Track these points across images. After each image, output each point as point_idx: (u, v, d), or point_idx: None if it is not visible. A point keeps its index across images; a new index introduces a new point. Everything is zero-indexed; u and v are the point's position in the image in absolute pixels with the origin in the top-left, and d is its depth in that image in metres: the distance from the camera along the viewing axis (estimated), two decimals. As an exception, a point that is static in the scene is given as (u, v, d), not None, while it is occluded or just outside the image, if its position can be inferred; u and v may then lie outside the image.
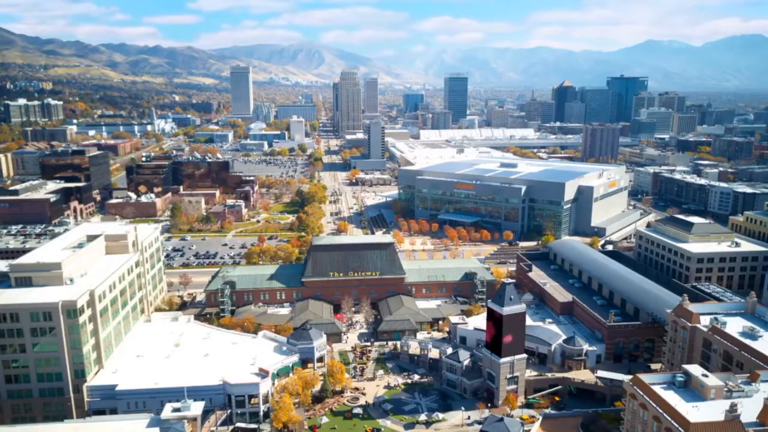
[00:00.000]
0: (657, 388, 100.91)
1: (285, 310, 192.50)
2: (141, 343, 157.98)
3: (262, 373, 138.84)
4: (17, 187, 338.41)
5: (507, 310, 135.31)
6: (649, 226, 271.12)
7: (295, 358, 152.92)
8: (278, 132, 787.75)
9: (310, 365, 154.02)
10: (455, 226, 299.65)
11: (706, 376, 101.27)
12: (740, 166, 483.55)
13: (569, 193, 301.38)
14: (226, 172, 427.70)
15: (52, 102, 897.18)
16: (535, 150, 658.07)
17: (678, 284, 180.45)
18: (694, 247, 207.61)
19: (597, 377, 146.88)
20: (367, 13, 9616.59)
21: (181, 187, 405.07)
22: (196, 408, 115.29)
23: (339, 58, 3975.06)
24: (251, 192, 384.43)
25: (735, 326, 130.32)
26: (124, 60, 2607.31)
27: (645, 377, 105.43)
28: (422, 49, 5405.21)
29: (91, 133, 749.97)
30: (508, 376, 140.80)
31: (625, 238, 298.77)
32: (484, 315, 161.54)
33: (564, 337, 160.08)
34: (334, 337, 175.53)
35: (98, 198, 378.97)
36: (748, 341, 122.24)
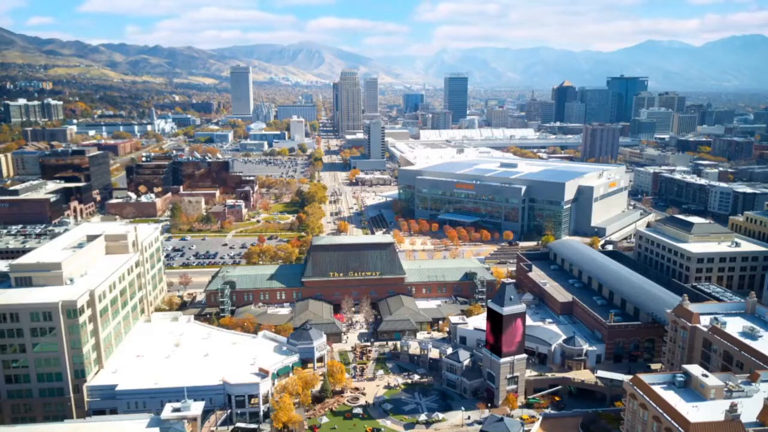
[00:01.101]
0: (657, 388, 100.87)
1: (285, 310, 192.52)
2: (141, 343, 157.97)
3: (262, 373, 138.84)
4: (17, 187, 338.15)
5: (507, 310, 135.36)
6: (649, 226, 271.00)
7: (295, 358, 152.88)
8: (278, 132, 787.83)
9: (310, 365, 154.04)
10: (455, 226, 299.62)
11: (706, 376, 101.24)
12: (740, 166, 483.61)
13: (569, 193, 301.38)
14: (226, 172, 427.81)
15: (52, 102, 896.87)
16: (535, 150, 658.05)
17: (678, 284, 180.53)
18: (694, 247, 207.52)
19: (597, 377, 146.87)
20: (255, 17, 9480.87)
21: (181, 187, 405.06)
22: (196, 408, 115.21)
23: (339, 58, 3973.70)
24: (251, 192, 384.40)
25: (735, 326, 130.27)
26: (124, 60, 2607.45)
27: (645, 377, 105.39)
28: (422, 49, 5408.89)
29: (91, 133, 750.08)
30: (508, 376, 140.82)
31: (625, 238, 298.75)
32: (484, 315, 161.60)
33: (564, 337, 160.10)
34: (334, 337, 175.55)
35: (98, 198, 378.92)
36: (748, 341, 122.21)
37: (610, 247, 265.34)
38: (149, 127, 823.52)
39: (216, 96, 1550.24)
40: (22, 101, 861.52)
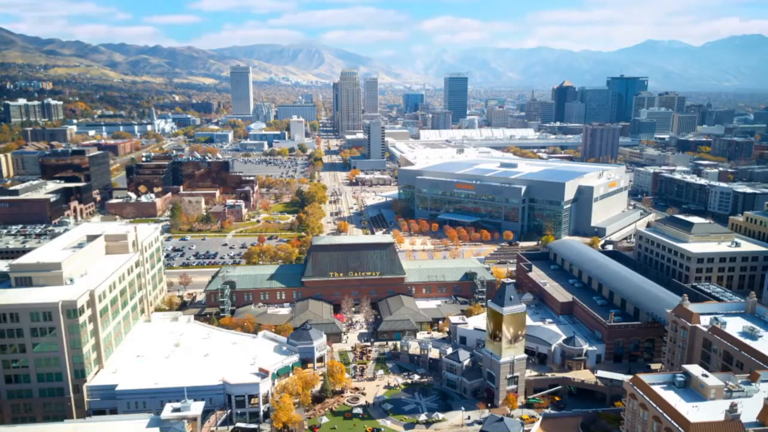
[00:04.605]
0: (657, 388, 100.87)
1: (285, 310, 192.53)
2: (141, 343, 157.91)
3: (262, 373, 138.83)
4: (17, 187, 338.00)
5: (507, 310, 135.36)
6: (649, 226, 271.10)
7: (295, 358, 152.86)
8: (278, 132, 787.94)
9: (310, 365, 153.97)
10: (455, 226, 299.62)
11: (706, 376, 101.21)
12: (740, 166, 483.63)
13: (569, 193, 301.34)
14: (226, 172, 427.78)
15: (52, 102, 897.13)
16: (535, 150, 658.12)
17: (678, 284, 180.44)
18: (694, 247, 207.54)
19: (597, 377, 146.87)
20: (369, 13, 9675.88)
21: (181, 187, 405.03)
22: (196, 408, 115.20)
23: (339, 58, 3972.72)
24: (251, 192, 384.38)
25: (735, 326, 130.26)
26: (124, 60, 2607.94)
27: (645, 377, 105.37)
28: (422, 49, 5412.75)
29: (91, 133, 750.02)
30: (508, 376, 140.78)
31: (625, 238, 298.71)
32: (484, 315, 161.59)
33: (564, 337, 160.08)
34: (334, 337, 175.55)
35: (98, 198, 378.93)
36: (748, 341, 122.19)
37: (610, 247, 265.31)
38: (149, 127, 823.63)
39: (216, 96, 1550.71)
40: (22, 101, 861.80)
